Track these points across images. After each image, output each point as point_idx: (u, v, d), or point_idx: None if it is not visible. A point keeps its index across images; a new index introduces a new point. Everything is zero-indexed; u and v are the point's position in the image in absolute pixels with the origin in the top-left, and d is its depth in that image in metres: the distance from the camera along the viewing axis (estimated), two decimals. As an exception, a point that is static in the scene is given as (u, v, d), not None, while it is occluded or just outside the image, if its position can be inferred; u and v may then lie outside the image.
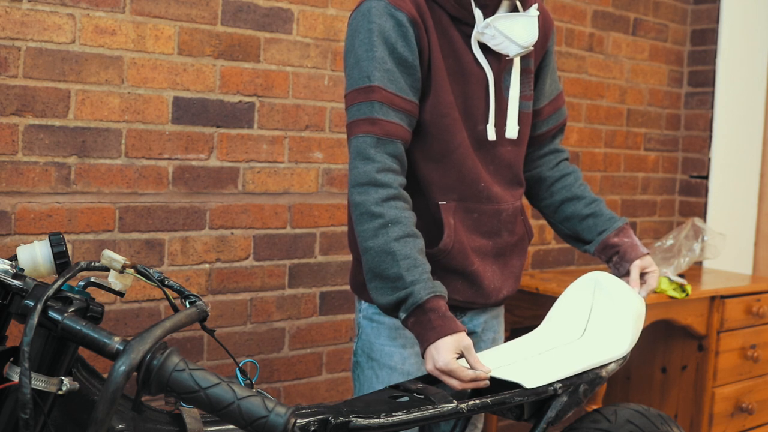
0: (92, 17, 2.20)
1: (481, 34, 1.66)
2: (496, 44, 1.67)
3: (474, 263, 1.72)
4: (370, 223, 1.57)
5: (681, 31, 3.81)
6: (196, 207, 2.42)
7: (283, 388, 2.63)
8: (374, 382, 1.75)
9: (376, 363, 1.76)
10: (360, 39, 1.61)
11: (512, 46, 1.66)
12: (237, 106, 2.47)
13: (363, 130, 1.59)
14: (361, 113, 1.60)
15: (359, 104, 1.60)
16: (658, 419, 1.77)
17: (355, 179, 1.59)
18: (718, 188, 3.77)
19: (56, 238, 1.22)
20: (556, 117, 1.92)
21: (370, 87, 1.59)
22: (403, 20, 1.59)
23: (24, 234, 2.13)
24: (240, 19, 2.45)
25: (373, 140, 1.58)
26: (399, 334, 1.75)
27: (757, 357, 3.26)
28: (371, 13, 1.60)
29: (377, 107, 1.58)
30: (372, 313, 1.78)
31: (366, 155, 1.58)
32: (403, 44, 1.59)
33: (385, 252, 1.55)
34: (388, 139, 1.59)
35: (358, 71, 1.61)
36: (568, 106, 3.38)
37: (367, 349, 1.78)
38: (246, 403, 1.07)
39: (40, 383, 1.11)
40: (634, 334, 1.67)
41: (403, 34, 1.59)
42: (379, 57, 1.58)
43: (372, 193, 1.57)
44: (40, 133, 2.14)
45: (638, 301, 1.73)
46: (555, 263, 3.42)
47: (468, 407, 1.46)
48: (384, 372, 1.74)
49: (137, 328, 2.31)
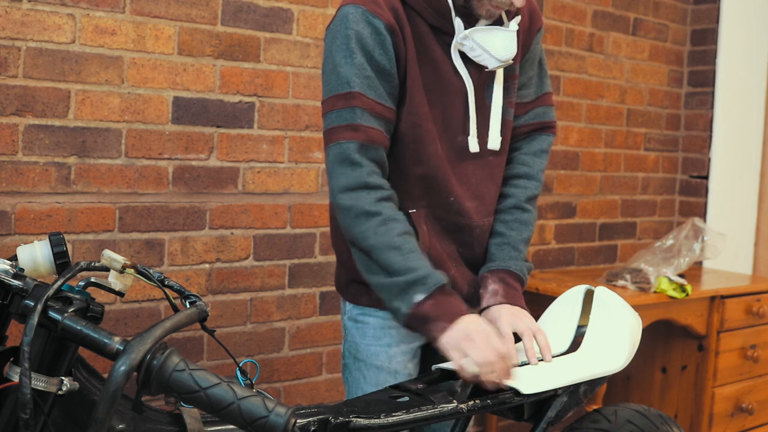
0: (92, 17, 2.20)
1: (461, 45, 1.64)
2: (476, 56, 1.64)
3: (450, 269, 1.71)
4: (369, 222, 1.55)
5: (681, 31, 3.81)
6: (196, 207, 2.42)
7: (283, 388, 2.63)
8: (362, 382, 1.74)
9: (362, 363, 1.74)
10: (338, 45, 1.59)
11: (490, 59, 1.64)
12: (237, 106, 2.47)
13: (346, 136, 1.57)
14: (342, 119, 1.57)
15: (339, 110, 1.58)
16: (658, 419, 1.77)
17: (344, 184, 1.57)
18: (718, 188, 3.77)
19: (56, 238, 1.22)
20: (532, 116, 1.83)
21: (350, 93, 1.57)
22: (380, 27, 1.58)
23: (24, 234, 2.13)
24: (240, 19, 2.45)
25: (357, 146, 1.56)
26: (384, 333, 1.73)
27: (757, 357, 3.26)
28: (348, 19, 1.58)
29: (359, 113, 1.57)
30: (356, 314, 1.76)
31: (352, 160, 1.56)
32: (380, 52, 1.58)
33: (390, 247, 1.54)
34: (371, 145, 1.58)
35: (336, 78, 1.59)
36: (568, 106, 3.38)
37: (353, 350, 1.76)
38: (246, 403, 1.07)
39: (40, 383, 1.11)
40: (631, 350, 1.67)
41: (381, 41, 1.58)
42: (358, 63, 1.57)
43: (364, 195, 1.56)
44: (40, 133, 2.14)
45: (634, 318, 1.72)
46: (555, 263, 3.42)
47: (468, 407, 1.46)
48: (371, 372, 1.73)
49: (137, 328, 2.31)
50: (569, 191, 3.44)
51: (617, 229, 3.64)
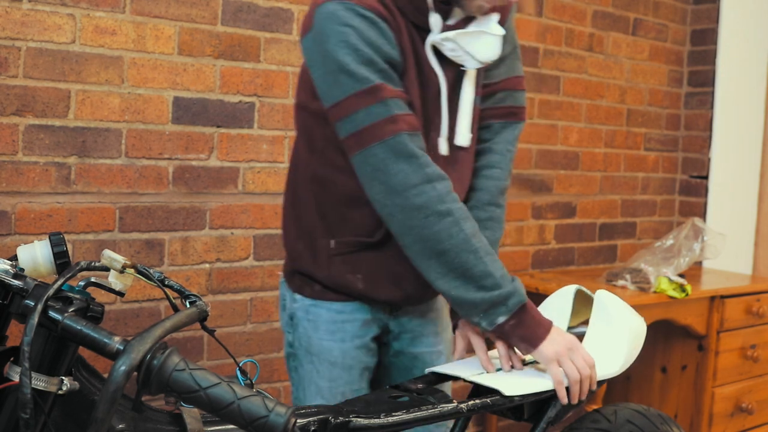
0: (92, 17, 2.20)
1: (440, 44, 1.58)
2: (454, 55, 1.59)
3: None
4: (440, 223, 1.49)
5: (681, 31, 3.81)
6: (196, 207, 2.42)
7: (283, 388, 2.63)
8: (315, 376, 1.71)
9: (315, 357, 1.70)
10: (333, 44, 1.48)
11: (471, 61, 1.59)
12: (237, 106, 2.47)
13: (388, 131, 1.47)
14: (376, 116, 1.47)
15: (368, 108, 1.47)
16: (658, 419, 1.77)
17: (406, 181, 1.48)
18: (718, 188, 3.77)
19: (56, 238, 1.22)
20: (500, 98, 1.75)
21: (373, 87, 1.47)
22: (376, 19, 1.50)
23: (24, 234, 2.13)
24: (240, 19, 2.45)
25: (406, 137, 1.48)
26: (338, 328, 1.69)
27: (757, 357, 3.26)
28: (339, 15, 1.48)
29: (391, 104, 1.48)
30: (308, 305, 1.71)
31: (408, 153, 1.48)
32: (384, 42, 1.51)
33: (466, 251, 1.50)
34: (415, 133, 1.51)
35: (347, 77, 1.48)
36: (568, 105, 3.38)
37: (305, 343, 1.72)
38: (246, 403, 1.07)
39: (41, 383, 1.11)
40: (629, 356, 1.66)
41: (381, 32, 1.50)
42: (367, 59, 1.48)
43: (430, 191, 1.49)
44: (40, 133, 2.14)
45: (637, 322, 1.71)
46: (555, 263, 3.42)
47: (468, 407, 1.46)
48: (324, 366, 1.70)
49: (137, 328, 2.31)
50: (569, 191, 3.44)
51: (617, 229, 3.64)
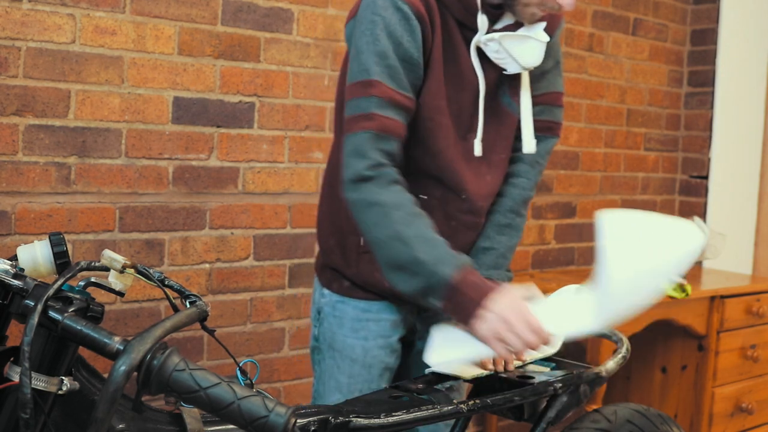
0: (92, 17, 2.20)
1: (484, 45, 1.61)
2: (497, 58, 1.62)
3: None
4: (368, 213, 1.53)
5: (681, 31, 3.81)
6: (196, 207, 2.42)
7: (283, 388, 2.63)
8: (335, 371, 1.74)
9: (338, 354, 1.74)
10: (361, 30, 1.54)
11: (514, 64, 1.62)
12: (237, 106, 2.47)
13: (359, 126, 1.54)
14: (359, 109, 1.53)
15: (357, 99, 1.54)
16: (658, 419, 1.77)
17: (348, 176, 1.55)
18: (718, 188, 3.77)
19: (56, 238, 1.22)
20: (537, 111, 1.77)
21: (368, 81, 1.53)
22: (409, 14, 1.53)
23: (24, 234, 2.13)
24: (240, 19, 2.45)
25: (370, 136, 1.53)
26: (362, 326, 1.72)
27: (757, 357, 3.26)
28: (376, 5, 1.53)
29: (375, 102, 1.53)
30: (335, 301, 1.75)
31: (359, 151, 1.53)
32: (409, 39, 1.54)
33: (393, 239, 1.50)
34: (384, 135, 1.54)
35: (357, 65, 1.55)
36: (568, 106, 3.37)
37: (329, 339, 1.75)
38: (246, 403, 1.07)
39: (41, 383, 1.11)
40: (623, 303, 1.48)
41: (410, 28, 1.54)
42: (381, 51, 1.53)
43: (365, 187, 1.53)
44: (40, 133, 2.14)
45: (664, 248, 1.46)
46: (555, 263, 3.42)
47: (468, 407, 1.46)
48: (345, 363, 1.73)
49: (137, 328, 2.31)
50: (569, 191, 3.44)
51: (617, 229, 3.64)
